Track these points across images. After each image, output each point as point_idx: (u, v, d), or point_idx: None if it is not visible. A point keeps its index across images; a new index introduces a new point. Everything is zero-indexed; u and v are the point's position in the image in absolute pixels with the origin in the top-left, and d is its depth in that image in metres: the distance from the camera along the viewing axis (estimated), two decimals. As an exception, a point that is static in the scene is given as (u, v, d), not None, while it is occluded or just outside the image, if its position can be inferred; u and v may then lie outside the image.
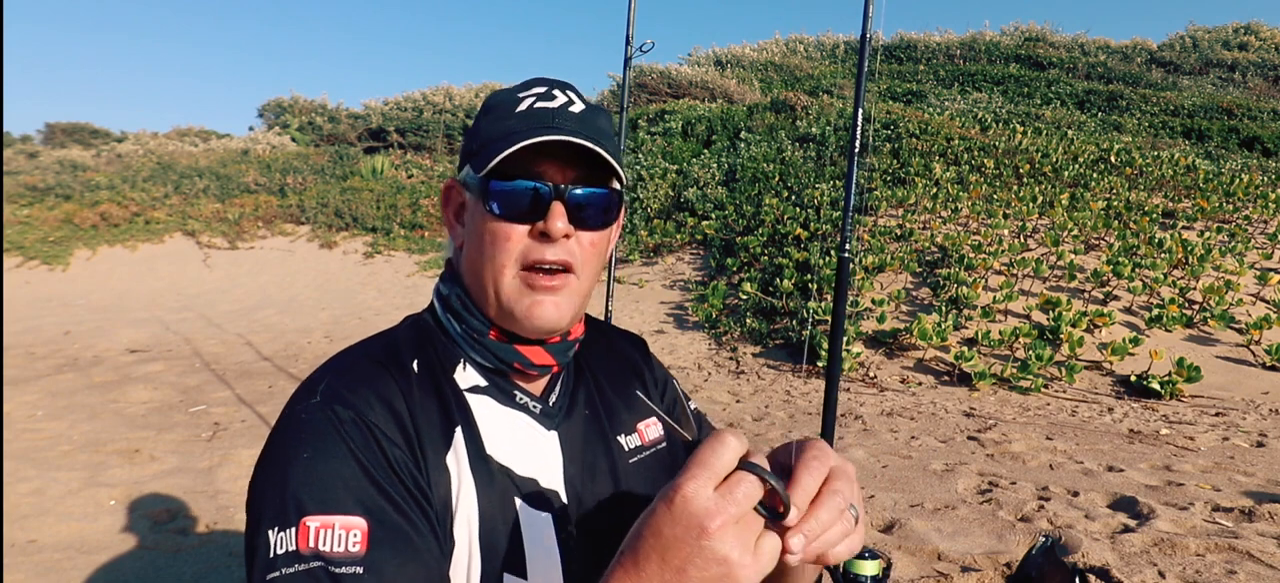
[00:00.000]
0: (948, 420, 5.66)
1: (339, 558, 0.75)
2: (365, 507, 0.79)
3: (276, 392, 6.55)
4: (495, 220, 0.92)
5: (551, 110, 0.94)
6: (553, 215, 0.90)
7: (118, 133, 27.23)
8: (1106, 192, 11.65)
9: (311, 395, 0.87)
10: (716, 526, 0.62)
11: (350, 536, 0.76)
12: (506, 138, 0.91)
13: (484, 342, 0.96)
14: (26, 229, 16.34)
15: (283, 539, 0.76)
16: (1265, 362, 6.83)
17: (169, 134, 25.55)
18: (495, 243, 0.92)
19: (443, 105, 24.21)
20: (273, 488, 0.80)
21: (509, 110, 0.95)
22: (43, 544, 3.38)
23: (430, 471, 0.88)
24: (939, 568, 3.01)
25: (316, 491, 0.78)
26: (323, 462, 0.81)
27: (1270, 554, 3.01)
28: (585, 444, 1.02)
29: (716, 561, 0.63)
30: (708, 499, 0.63)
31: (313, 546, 0.75)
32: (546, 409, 1.01)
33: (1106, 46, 27.32)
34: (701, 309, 9.01)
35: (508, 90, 0.98)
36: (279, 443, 0.84)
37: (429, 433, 0.89)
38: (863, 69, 2.54)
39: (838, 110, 16.39)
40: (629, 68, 3.84)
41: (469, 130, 1.00)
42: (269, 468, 0.83)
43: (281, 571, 0.75)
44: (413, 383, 0.92)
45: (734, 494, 0.64)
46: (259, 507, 0.80)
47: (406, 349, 0.96)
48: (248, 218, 17.12)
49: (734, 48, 27.54)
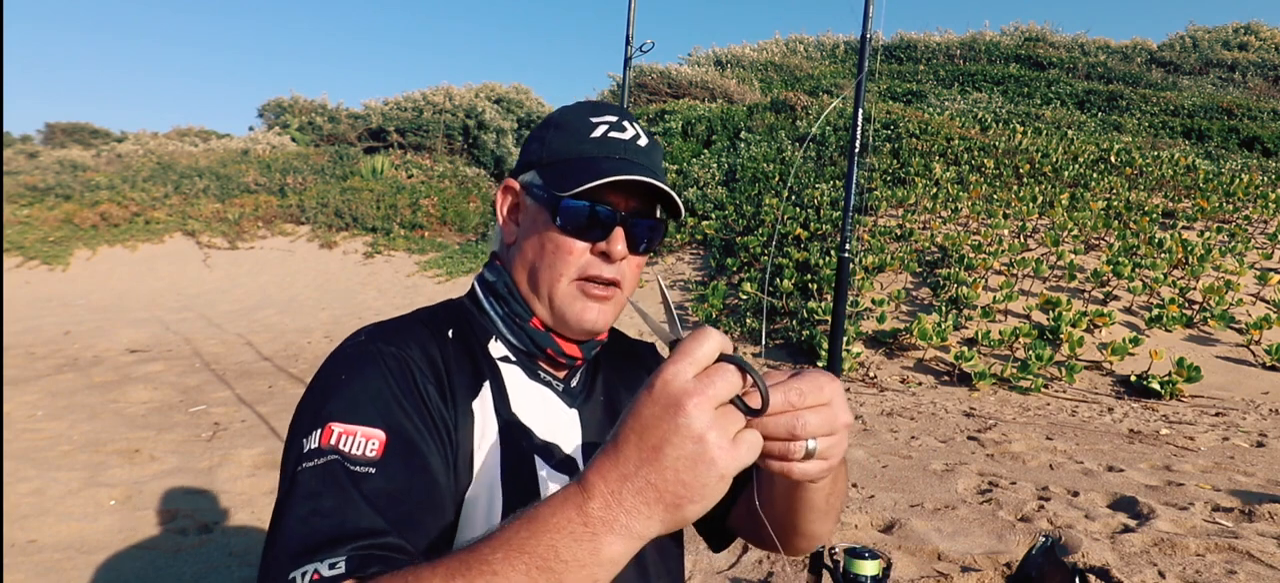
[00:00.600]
0: (948, 420, 5.66)
1: (356, 458, 0.83)
2: (386, 422, 0.86)
3: (276, 392, 6.55)
4: (562, 234, 1.00)
5: (623, 141, 1.03)
6: (615, 239, 1.00)
7: (118, 133, 27.23)
8: (1106, 192, 11.65)
9: (358, 337, 0.97)
10: (693, 403, 0.63)
11: (369, 443, 0.84)
12: (584, 162, 1.00)
13: (524, 327, 1.04)
14: (26, 229, 16.35)
15: (309, 441, 0.84)
16: (1265, 362, 6.83)
17: (169, 134, 25.55)
18: (558, 253, 1.01)
19: (443, 105, 24.20)
20: (308, 405, 0.89)
21: (582, 133, 1.03)
22: (43, 544, 3.38)
23: (458, 411, 0.96)
24: (939, 568, 3.01)
25: (344, 402, 0.87)
26: (356, 381, 0.89)
27: (1270, 554, 3.01)
28: (602, 429, 1.09)
29: (692, 437, 0.63)
30: (686, 381, 0.64)
31: (333, 444, 0.83)
32: (568, 390, 1.09)
33: (1106, 46, 27.32)
34: (701, 309, 9.01)
35: (577, 109, 1.06)
36: (321, 373, 0.93)
37: (460, 381, 0.98)
38: (863, 69, 2.54)
39: (838, 110, 16.39)
40: (629, 68, 3.83)
41: (535, 137, 1.07)
42: (308, 394, 0.91)
43: (303, 464, 0.82)
44: (448, 343, 1.01)
45: (713, 379, 0.65)
46: (295, 425, 0.88)
47: (443, 319, 1.05)
48: (248, 218, 17.13)
49: (734, 48, 27.54)
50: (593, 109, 1.06)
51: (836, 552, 1.45)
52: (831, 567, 0.97)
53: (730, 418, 0.66)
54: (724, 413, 0.65)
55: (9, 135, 26.01)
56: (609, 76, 27.92)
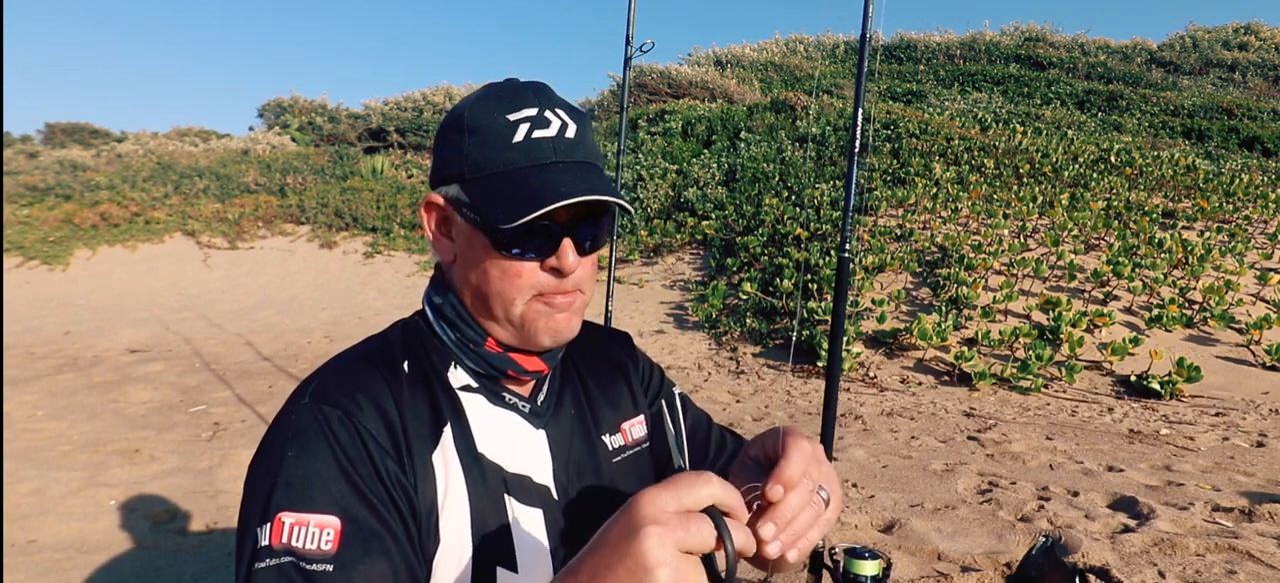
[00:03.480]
0: (948, 420, 5.66)
1: (310, 555, 0.77)
2: (341, 507, 0.81)
3: (276, 392, 6.55)
4: (507, 259, 0.92)
5: (550, 141, 0.91)
6: (564, 252, 0.92)
7: (118, 133, 27.23)
8: (1106, 192, 11.65)
9: (302, 397, 0.89)
10: (656, 533, 0.61)
11: (324, 533, 0.78)
12: (513, 179, 0.89)
13: (479, 351, 0.97)
14: (26, 229, 16.34)
15: (261, 534, 0.79)
16: (1265, 362, 6.83)
17: (169, 134, 25.54)
18: (506, 278, 0.92)
19: (443, 105, 24.21)
20: (257, 486, 0.83)
21: (502, 138, 0.90)
22: (43, 544, 3.38)
23: (417, 471, 0.89)
24: (939, 568, 3.01)
25: (295, 489, 0.81)
26: (304, 461, 0.82)
27: (1270, 554, 3.01)
28: (572, 443, 1.05)
29: (641, 566, 0.61)
30: (660, 510, 0.63)
31: (285, 541, 0.78)
32: (535, 408, 1.02)
33: (1106, 46, 27.32)
34: (701, 309, 9.00)
35: (487, 105, 0.92)
36: (267, 443, 0.86)
37: (417, 431, 0.91)
38: (863, 69, 2.54)
39: (838, 110, 16.38)
40: (629, 68, 3.84)
41: (447, 141, 0.95)
42: (256, 467, 0.85)
43: (257, 563, 0.77)
44: (403, 382, 0.93)
45: (687, 525, 0.63)
46: (246, 504, 0.83)
47: (398, 350, 0.97)
48: (248, 218, 17.12)
49: (734, 48, 27.53)
50: (506, 102, 0.92)
51: (836, 552, 1.45)
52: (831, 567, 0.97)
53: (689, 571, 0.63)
54: (687, 562, 0.63)
55: (9, 135, 26.01)
56: (609, 76, 27.92)
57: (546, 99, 0.94)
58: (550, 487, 0.99)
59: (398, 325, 1.03)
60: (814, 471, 0.74)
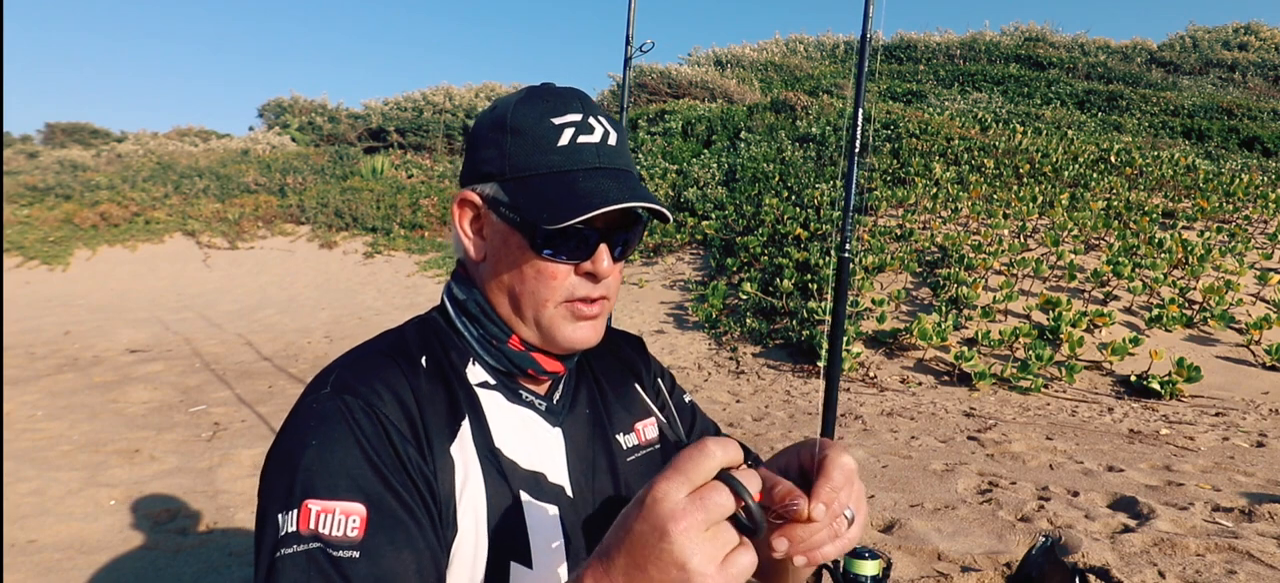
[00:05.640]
0: (948, 420, 5.66)
1: (337, 541, 0.78)
2: (366, 494, 0.81)
3: (276, 392, 6.55)
4: (543, 261, 0.94)
5: (594, 146, 0.93)
6: (599, 258, 0.94)
7: (118, 133, 27.25)
8: (1106, 192, 11.65)
9: (323, 386, 0.89)
10: (680, 528, 0.63)
11: (350, 521, 0.79)
12: (558, 181, 0.91)
13: (502, 347, 0.99)
14: (26, 229, 16.35)
15: (286, 521, 0.79)
16: (1265, 362, 6.83)
17: (169, 134, 25.55)
18: (541, 279, 0.94)
19: (443, 105, 24.21)
20: (281, 474, 0.83)
21: (546, 141, 0.92)
22: (43, 544, 3.38)
23: (436, 460, 0.90)
24: (939, 568, 3.01)
25: (321, 476, 0.81)
26: (328, 449, 0.83)
27: (1270, 554, 3.01)
28: (587, 442, 1.06)
29: (675, 564, 0.63)
30: (676, 503, 0.64)
31: (313, 528, 0.78)
32: (551, 407, 1.03)
33: (1106, 46, 27.33)
34: (701, 309, 9.00)
35: (532, 107, 0.94)
36: (289, 431, 0.87)
37: (435, 423, 0.92)
38: (863, 69, 2.54)
39: (838, 110, 16.38)
40: (629, 68, 3.83)
41: (487, 141, 0.96)
42: (278, 455, 0.85)
43: (282, 550, 0.78)
44: (421, 376, 0.94)
45: (704, 502, 0.64)
46: (268, 492, 0.83)
47: (415, 345, 0.98)
48: (248, 218, 17.13)
49: (734, 48, 27.56)
50: (550, 106, 0.94)
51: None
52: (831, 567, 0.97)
53: (720, 541, 0.65)
54: (714, 534, 0.64)
55: (9, 135, 26.03)
56: (609, 76, 27.93)
57: (589, 106, 0.96)
58: (565, 485, 1.00)
59: (414, 322, 1.04)
60: (846, 491, 0.75)
